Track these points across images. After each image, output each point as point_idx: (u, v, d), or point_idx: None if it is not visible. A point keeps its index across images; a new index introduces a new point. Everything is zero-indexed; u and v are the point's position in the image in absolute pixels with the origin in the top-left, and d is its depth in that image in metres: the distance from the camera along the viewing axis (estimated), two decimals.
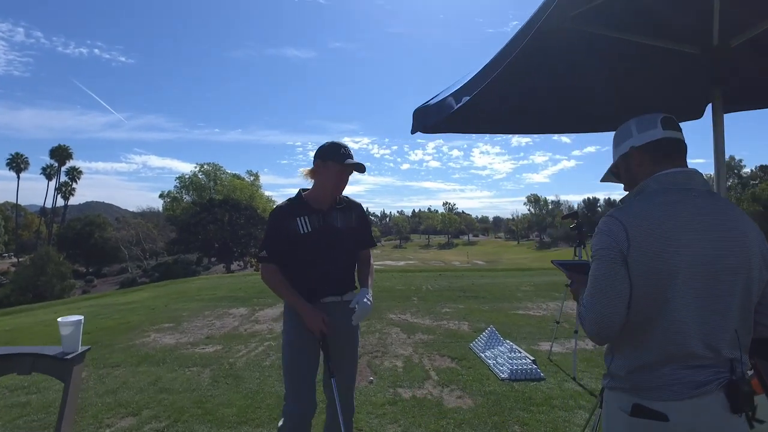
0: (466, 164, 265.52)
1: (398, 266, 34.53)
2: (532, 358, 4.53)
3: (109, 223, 51.74)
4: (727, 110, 2.29)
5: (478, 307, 8.08)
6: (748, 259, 1.23)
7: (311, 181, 2.36)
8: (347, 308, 2.23)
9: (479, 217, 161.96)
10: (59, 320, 2.51)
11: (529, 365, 4.32)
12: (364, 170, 2.30)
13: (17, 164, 59.47)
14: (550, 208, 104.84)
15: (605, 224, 1.29)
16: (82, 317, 2.58)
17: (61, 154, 59.83)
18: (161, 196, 54.51)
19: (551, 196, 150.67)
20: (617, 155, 1.46)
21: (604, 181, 1.59)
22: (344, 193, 2.39)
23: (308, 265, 2.26)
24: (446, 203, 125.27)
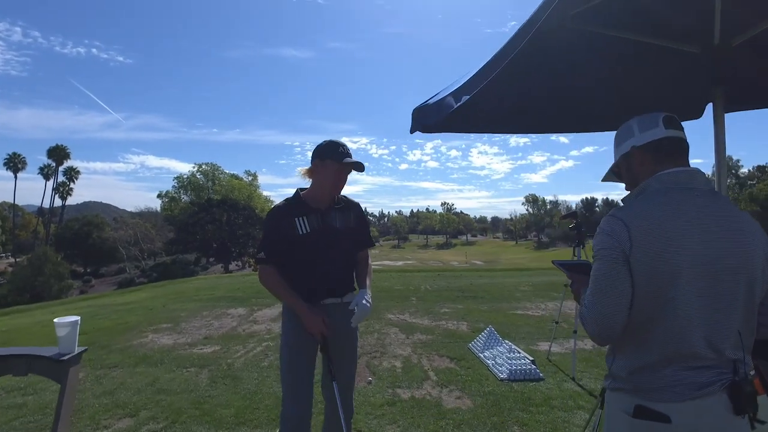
0: (464, 164, 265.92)
1: (396, 266, 34.54)
2: (531, 358, 4.53)
3: (106, 223, 51.63)
4: (727, 110, 2.28)
5: (476, 307, 8.08)
6: (751, 258, 1.22)
7: (309, 180, 2.33)
8: (347, 309, 2.21)
9: (477, 217, 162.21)
10: (55, 321, 2.50)
11: (528, 365, 4.31)
12: (362, 169, 2.28)
13: (14, 164, 59.36)
14: (548, 208, 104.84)
15: (607, 224, 1.28)
16: (78, 318, 2.57)
17: (58, 154, 59.78)
18: (159, 196, 54.41)
19: (549, 196, 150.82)
20: (618, 155, 1.45)
21: (605, 180, 1.58)
22: (342, 192, 2.37)
23: (307, 266, 2.24)
24: (444, 203, 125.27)
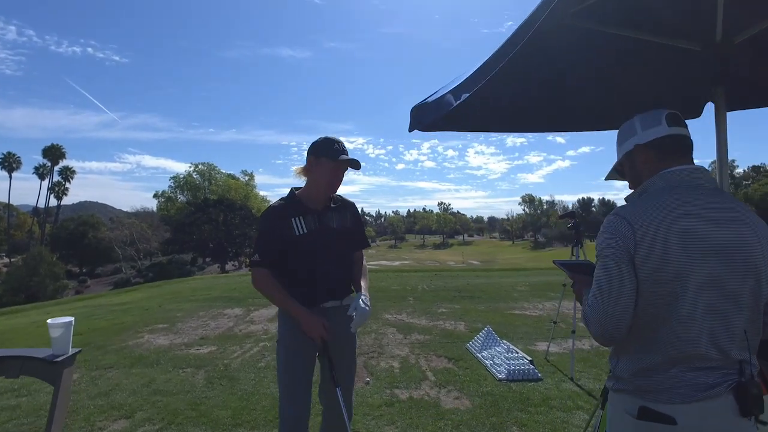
0: (461, 164, 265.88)
1: (393, 266, 34.53)
2: (529, 358, 4.51)
3: (102, 223, 51.34)
4: (727, 109, 2.27)
5: (474, 307, 8.07)
6: (757, 257, 1.21)
7: (304, 179, 2.29)
8: (346, 312, 2.17)
9: (474, 217, 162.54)
10: (49, 322, 2.46)
11: (526, 365, 4.30)
12: (359, 167, 2.24)
13: (9, 164, 58.88)
14: (544, 208, 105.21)
15: (611, 223, 1.25)
16: (72, 319, 2.53)
17: (54, 153, 59.38)
18: (155, 196, 54.42)
19: (546, 196, 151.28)
20: (621, 153, 1.43)
21: (608, 179, 1.56)
22: (338, 192, 2.33)
23: (305, 267, 2.19)
24: (441, 203, 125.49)
